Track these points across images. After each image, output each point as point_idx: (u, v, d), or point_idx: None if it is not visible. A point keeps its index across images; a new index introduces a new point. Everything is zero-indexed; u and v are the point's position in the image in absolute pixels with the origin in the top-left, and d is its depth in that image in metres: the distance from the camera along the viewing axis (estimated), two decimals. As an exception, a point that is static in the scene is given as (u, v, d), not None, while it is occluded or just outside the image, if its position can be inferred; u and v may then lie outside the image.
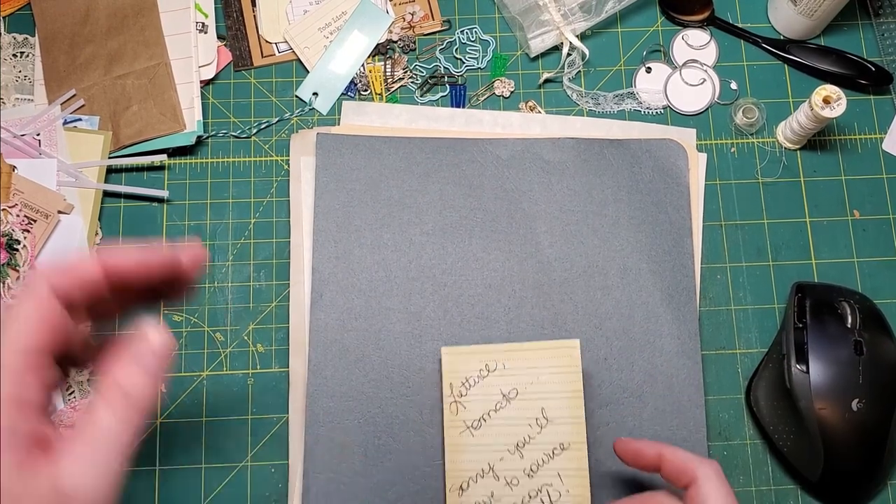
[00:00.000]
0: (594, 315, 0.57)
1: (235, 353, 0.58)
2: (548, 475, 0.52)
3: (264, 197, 0.61)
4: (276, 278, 0.59)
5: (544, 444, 0.52)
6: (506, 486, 0.52)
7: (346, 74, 0.63)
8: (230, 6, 0.64)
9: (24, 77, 0.62)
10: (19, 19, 0.63)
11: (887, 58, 0.65)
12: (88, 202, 0.58)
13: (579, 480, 0.52)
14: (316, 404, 0.55)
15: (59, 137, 0.59)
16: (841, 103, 0.57)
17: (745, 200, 0.61)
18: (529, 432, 0.52)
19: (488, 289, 0.57)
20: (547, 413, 0.53)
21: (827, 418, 0.53)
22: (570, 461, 0.52)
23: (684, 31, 0.65)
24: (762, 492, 0.56)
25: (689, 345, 0.57)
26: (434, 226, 0.58)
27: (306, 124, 0.62)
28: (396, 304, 0.57)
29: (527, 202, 0.59)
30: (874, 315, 0.56)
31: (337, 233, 0.58)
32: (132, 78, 0.61)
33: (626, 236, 0.58)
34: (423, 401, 0.55)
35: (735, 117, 0.63)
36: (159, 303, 0.41)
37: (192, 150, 0.61)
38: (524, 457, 0.52)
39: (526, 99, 0.63)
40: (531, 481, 0.52)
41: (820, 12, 0.61)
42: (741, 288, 0.60)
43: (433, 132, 0.61)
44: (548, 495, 0.52)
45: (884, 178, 0.62)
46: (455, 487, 0.52)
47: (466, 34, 0.64)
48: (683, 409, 0.55)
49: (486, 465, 0.52)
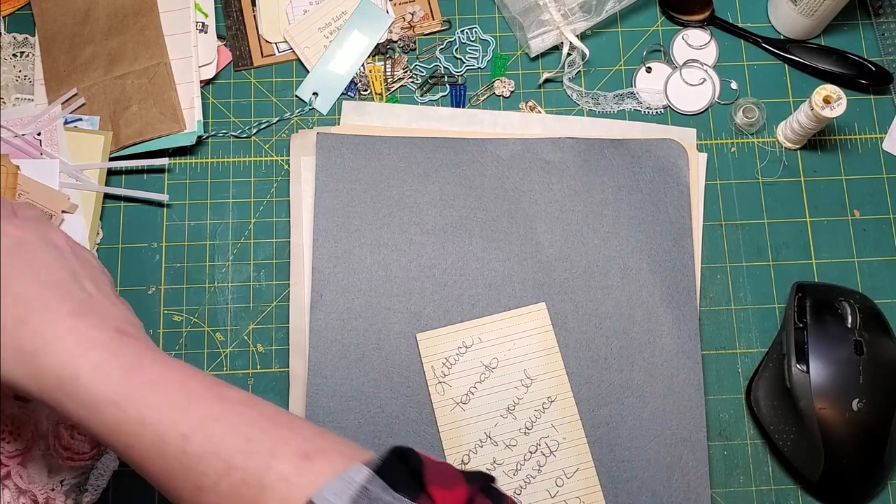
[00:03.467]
0: (594, 315, 0.57)
1: (235, 353, 0.58)
2: (543, 428, 0.54)
3: (264, 197, 0.61)
4: (276, 278, 0.59)
5: (533, 402, 0.55)
6: (505, 448, 0.54)
7: (346, 74, 0.63)
8: (230, 6, 0.64)
9: (24, 77, 0.62)
10: (19, 19, 0.63)
11: (887, 57, 0.65)
12: (90, 202, 0.58)
13: (572, 426, 0.55)
14: (316, 404, 0.55)
15: (59, 137, 0.59)
16: (841, 103, 0.57)
17: (745, 200, 0.61)
18: (517, 394, 0.55)
19: (488, 289, 0.57)
20: (529, 373, 0.55)
21: (827, 418, 0.53)
22: (560, 411, 0.55)
23: (684, 31, 0.65)
24: (762, 492, 0.56)
25: (689, 345, 0.57)
26: (434, 225, 0.58)
27: (306, 124, 0.62)
28: (396, 304, 0.57)
29: (527, 202, 0.59)
30: (874, 315, 0.56)
31: (337, 233, 0.58)
32: (132, 78, 0.61)
33: (626, 236, 0.58)
34: (423, 400, 0.55)
35: (735, 117, 0.63)
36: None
37: (192, 150, 0.61)
38: (517, 417, 0.55)
39: (526, 99, 0.63)
40: (528, 438, 0.54)
41: (820, 12, 0.61)
42: (741, 288, 0.60)
43: (433, 132, 0.61)
44: (546, 446, 0.54)
45: (884, 177, 0.62)
46: (457, 463, 0.54)
47: (466, 34, 0.64)
48: (683, 409, 0.55)
49: (483, 433, 0.54)
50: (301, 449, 0.37)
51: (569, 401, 0.55)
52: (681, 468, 0.54)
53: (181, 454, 0.37)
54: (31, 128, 0.59)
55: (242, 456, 0.37)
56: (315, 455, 0.37)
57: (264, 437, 0.37)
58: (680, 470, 0.54)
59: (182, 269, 0.59)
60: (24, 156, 0.58)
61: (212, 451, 0.37)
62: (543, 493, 0.53)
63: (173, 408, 0.38)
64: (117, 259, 0.59)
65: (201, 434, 0.37)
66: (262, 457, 0.37)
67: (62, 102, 0.60)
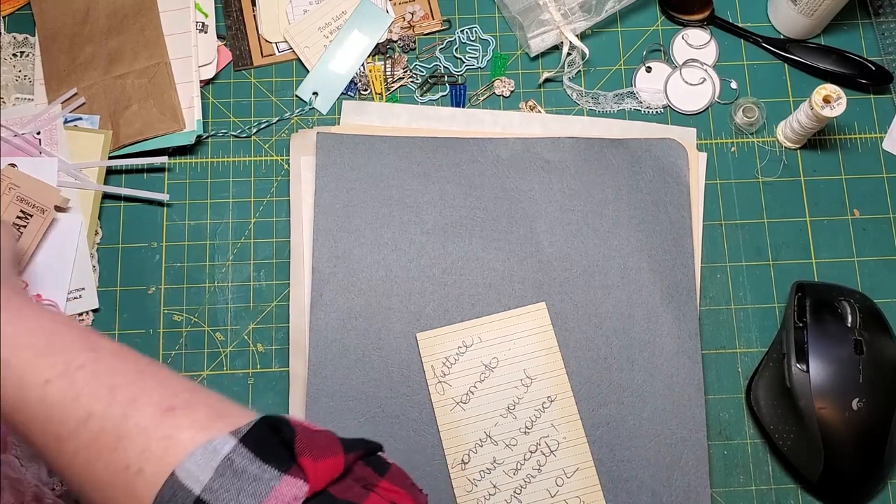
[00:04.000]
0: (594, 315, 0.57)
1: (235, 353, 0.58)
2: (542, 428, 0.55)
3: (264, 197, 0.61)
4: (276, 278, 0.59)
5: (533, 401, 0.55)
6: (505, 448, 0.54)
7: (346, 74, 0.63)
8: (230, 6, 0.64)
9: (24, 77, 0.62)
10: (19, 19, 0.63)
11: (887, 57, 0.65)
12: (88, 201, 0.58)
13: (572, 426, 0.55)
14: (316, 404, 0.55)
15: (59, 136, 0.59)
16: (841, 103, 0.57)
17: (745, 200, 0.61)
18: (517, 394, 0.55)
19: (488, 289, 0.57)
20: (529, 372, 0.55)
21: (827, 418, 0.53)
22: (559, 410, 0.55)
23: (684, 31, 0.65)
24: (762, 491, 0.56)
25: (689, 344, 0.57)
26: (434, 225, 0.58)
27: (306, 124, 0.62)
28: (396, 303, 0.57)
29: (527, 202, 0.59)
30: (874, 314, 0.56)
31: (337, 232, 0.58)
32: (132, 77, 0.61)
33: (626, 236, 0.58)
34: (423, 400, 0.55)
35: (735, 117, 0.63)
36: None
37: (192, 149, 0.61)
38: (517, 417, 0.55)
39: (526, 98, 0.63)
40: (528, 437, 0.54)
41: (820, 12, 0.61)
42: (741, 287, 0.60)
43: (433, 132, 0.61)
44: (546, 446, 0.54)
45: (884, 177, 0.62)
46: (457, 462, 0.53)
47: (466, 34, 0.64)
48: (683, 409, 0.55)
49: (483, 433, 0.54)
50: (165, 402, 0.36)
51: (569, 400, 0.55)
52: (681, 468, 0.54)
53: (41, 400, 0.37)
54: (30, 127, 0.59)
55: (102, 404, 0.36)
56: (178, 409, 0.36)
57: (128, 388, 0.37)
58: (680, 470, 0.54)
59: (182, 268, 0.59)
60: (24, 154, 0.58)
61: (72, 397, 0.36)
62: (543, 492, 0.54)
63: (38, 354, 0.38)
64: (117, 259, 0.59)
65: (63, 380, 0.37)
66: (121, 406, 0.36)
67: (62, 102, 0.60)
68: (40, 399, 0.37)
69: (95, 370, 0.37)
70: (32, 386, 0.37)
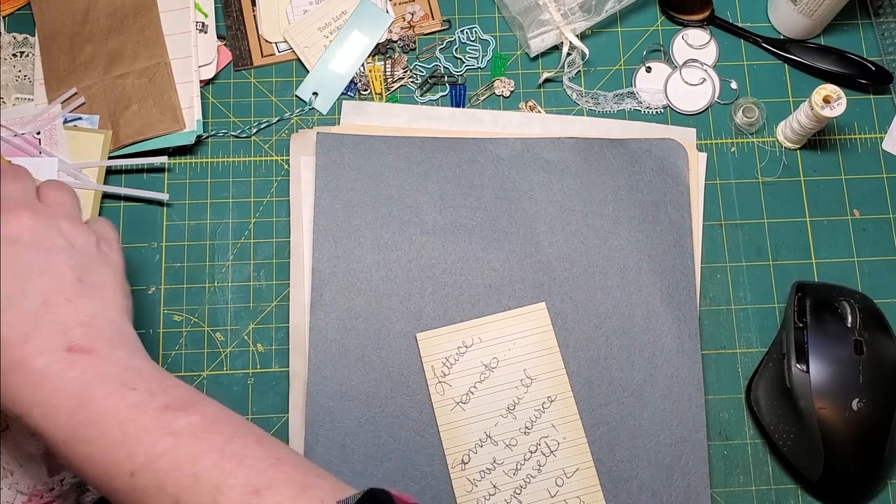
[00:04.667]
0: (594, 315, 0.57)
1: (235, 353, 0.58)
2: (542, 428, 0.55)
3: (264, 197, 0.61)
4: (276, 278, 0.59)
5: (533, 402, 0.55)
6: (505, 448, 0.54)
7: (346, 74, 0.63)
8: (230, 6, 0.64)
9: (24, 77, 0.62)
10: (19, 19, 0.63)
11: (887, 57, 0.65)
12: (88, 201, 0.58)
13: (572, 426, 0.55)
14: (316, 404, 0.55)
15: (59, 136, 0.59)
16: (841, 103, 0.57)
17: (745, 200, 0.61)
18: (517, 394, 0.55)
19: (488, 289, 0.57)
20: (529, 373, 0.55)
21: (827, 418, 0.53)
22: (560, 411, 0.55)
23: (684, 31, 0.65)
24: (762, 491, 0.56)
25: (689, 344, 0.57)
26: (434, 225, 0.58)
27: (306, 124, 0.62)
28: (396, 304, 0.57)
29: (527, 202, 0.59)
30: (874, 315, 0.56)
31: (337, 232, 0.58)
32: (132, 77, 0.61)
33: (626, 236, 0.58)
34: (423, 400, 0.55)
35: (735, 117, 0.63)
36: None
37: (192, 149, 0.61)
38: (517, 417, 0.55)
39: (526, 99, 0.63)
40: (528, 437, 0.54)
41: (820, 12, 0.61)
42: (741, 287, 0.60)
43: (433, 132, 0.61)
44: (546, 446, 0.54)
45: (884, 177, 0.62)
46: (457, 462, 0.53)
47: (466, 34, 0.64)
48: (683, 409, 0.55)
49: (483, 433, 0.54)
50: (250, 484, 0.37)
51: (569, 401, 0.55)
52: (681, 468, 0.54)
53: (130, 488, 0.39)
54: (30, 127, 0.59)
55: (188, 493, 0.37)
56: (263, 490, 0.37)
57: (212, 473, 0.38)
58: (680, 470, 0.54)
59: (182, 268, 0.59)
60: (23, 154, 0.58)
61: (158, 486, 0.38)
62: (543, 492, 0.54)
63: (119, 446, 0.39)
64: (117, 259, 0.59)
65: (147, 471, 0.38)
66: (208, 493, 0.37)
67: (62, 102, 0.60)
68: (128, 487, 0.39)
69: (177, 458, 0.38)
70: (117, 477, 0.39)
